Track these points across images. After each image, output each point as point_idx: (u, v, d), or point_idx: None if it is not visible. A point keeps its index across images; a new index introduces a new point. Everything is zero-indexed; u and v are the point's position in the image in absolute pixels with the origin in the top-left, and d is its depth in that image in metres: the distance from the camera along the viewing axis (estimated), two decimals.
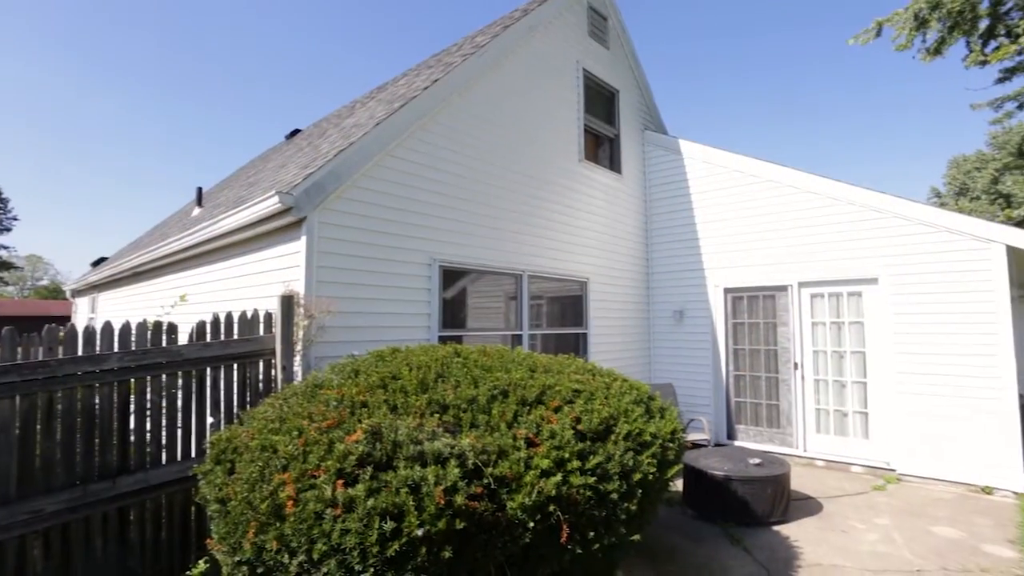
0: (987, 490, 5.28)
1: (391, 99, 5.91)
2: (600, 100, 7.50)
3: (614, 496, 2.49)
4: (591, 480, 2.42)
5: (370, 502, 1.95)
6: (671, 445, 3.05)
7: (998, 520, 4.64)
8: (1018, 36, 10.84)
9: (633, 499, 2.60)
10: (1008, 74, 12.87)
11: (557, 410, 2.74)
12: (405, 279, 4.66)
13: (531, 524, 2.18)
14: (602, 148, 7.57)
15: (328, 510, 1.97)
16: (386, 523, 1.92)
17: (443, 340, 4.66)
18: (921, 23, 11.51)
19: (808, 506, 5.03)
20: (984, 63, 11.52)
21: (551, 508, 2.26)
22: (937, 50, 11.86)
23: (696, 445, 5.89)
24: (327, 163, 4.14)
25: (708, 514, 4.69)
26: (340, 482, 2.04)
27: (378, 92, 8.41)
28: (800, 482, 5.63)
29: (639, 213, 7.87)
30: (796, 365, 6.49)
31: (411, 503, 1.96)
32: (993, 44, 11.79)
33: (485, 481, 2.21)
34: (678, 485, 5.09)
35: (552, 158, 6.32)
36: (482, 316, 5.74)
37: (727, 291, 7.12)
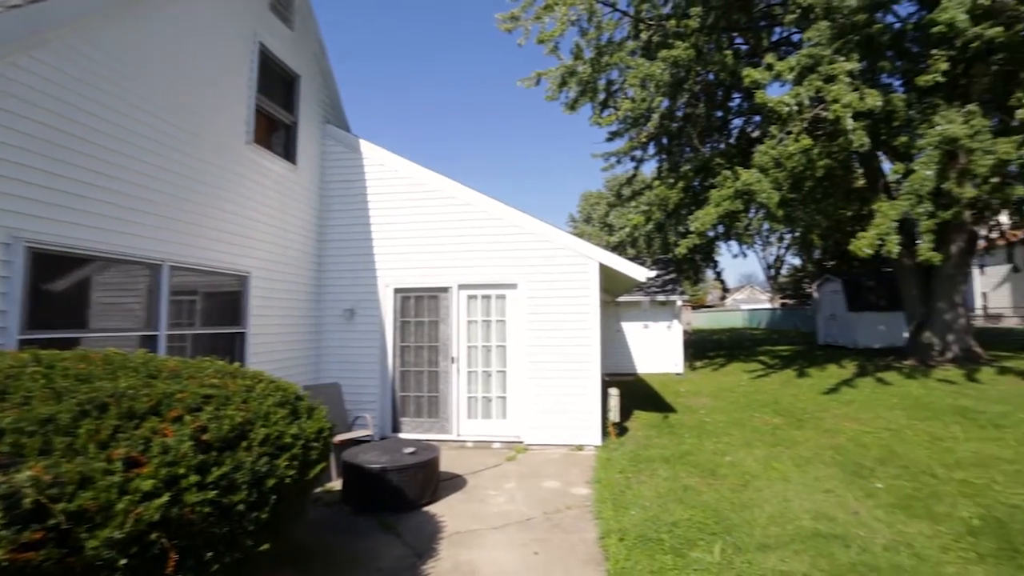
0: (580, 448, 6.92)
1: None
2: (279, 83, 6.96)
3: (241, 507, 2.30)
4: (212, 495, 2.17)
5: None
6: (316, 445, 3.00)
7: (583, 469, 6.13)
8: (617, 110, 14.65)
9: (265, 507, 2.44)
10: (613, 136, 17.27)
11: (177, 420, 2.37)
12: None
13: (122, 561, 1.82)
14: (277, 134, 7.03)
15: None
16: None
17: (28, 345, 3.54)
18: (562, 83, 14.52)
19: (456, 483, 5.67)
20: (600, 124, 15.23)
21: (153, 536, 1.93)
22: (573, 107, 15.14)
23: (360, 441, 5.99)
24: None
25: (366, 507, 4.81)
26: None
27: None
28: (452, 463, 6.32)
29: (314, 208, 7.61)
30: (453, 359, 7.28)
31: None
32: (607, 112, 15.74)
33: (53, 521, 1.75)
34: (341, 485, 5.08)
35: (213, 135, 5.54)
36: (106, 314, 4.60)
37: (397, 291, 7.51)
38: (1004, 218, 15.95)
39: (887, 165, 13.95)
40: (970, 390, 10.07)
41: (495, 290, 7.37)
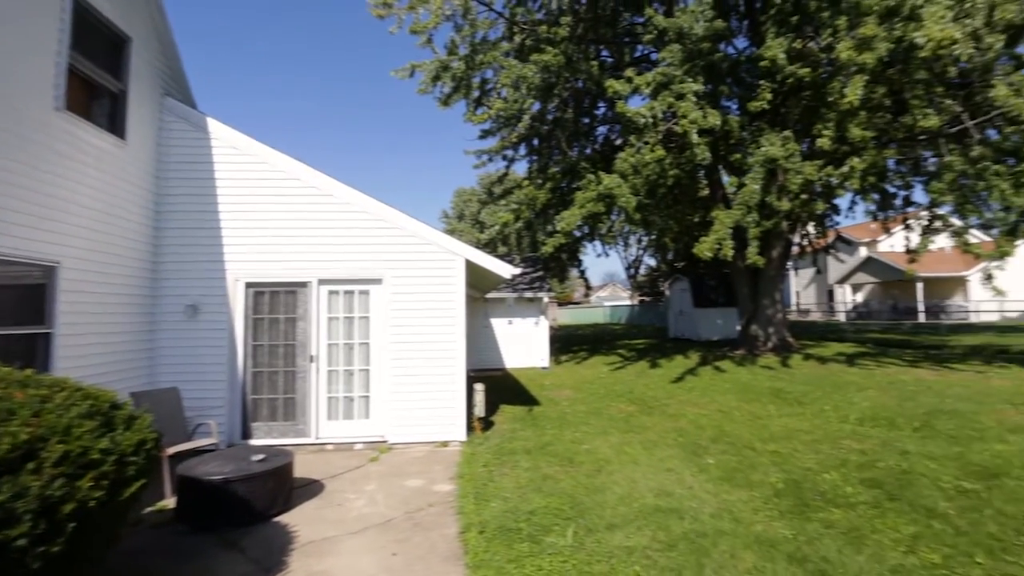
0: (445, 444, 6.91)
1: None
2: (102, 42, 6.00)
3: (22, 543, 1.93)
4: None
5: None
6: (135, 459, 2.64)
7: (447, 465, 6.12)
8: (491, 108, 14.84)
9: (59, 539, 2.09)
10: (486, 134, 17.47)
11: None
12: None
13: None
14: (99, 103, 6.06)
15: None
16: None
17: None
18: (436, 77, 14.35)
19: (312, 489, 5.35)
20: (473, 122, 15.30)
21: None
22: (447, 102, 15.04)
23: (202, 451, 5.40)
24: None
25: (206, 524, 4.35)
26: None
27: None
28: (309, 468, 5.96)
29: (149, 191, 6.70)
30: (312, 358, 6.87)
31: None
32: (480, 110, 15.86)
33: None
34: (174, 503, 4.53)
35: (4, 95, 4.60)
36: None
37: (250, 286, 6.89)
38: (811, 228, 18.89)
39: (726, 178, 15.82)
40: (784, 374, 11.78)
41: (359, 285, 7.08)
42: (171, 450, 5.24)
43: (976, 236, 13.17)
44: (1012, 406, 7.89)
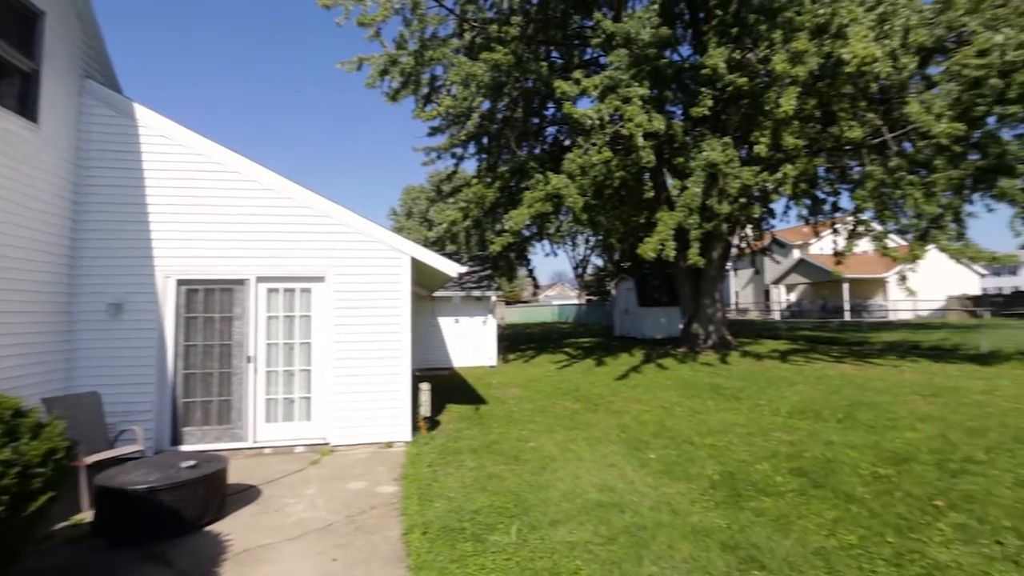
0: (389, 445, 6.79)
1: None
2: (10, 15, 5.51)
3: None
4: None
5: None
6: (41, 471, 2.44)
7: (391, 466, 6.02)
8: (439, 106, 14.69)
9: None
10: (435, 131, 17.30)
11: None
12: None
13: None
14: (7, 82, 5.57)
15: None
16: None
17: None
18: (384, 71, 14.07)
19: (248, 495, 5.13)
20: (422, 118, 15.11)
21: None
22: (395, 97, 14.77)
23: (126, 459, 5.07)
24: None
25: (128, 538, 4.08)
26: None
27: None
28: (246, 473, 5.72)
29: (67, 180, 6.22)
30: (250, 358, 6.58)
31: None
32: (430, 106, 15.67)
33: None
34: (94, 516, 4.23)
35: None
36: None
37: (182, 283, 6.53)
38: (749, 231, 19.78)
39: (670, 181, 16.35)
40: (722, 370, 12.28)
41: (300, 283, 6.84)
42: (89, 459, 4.88)
43: (894, 240, 14.18)
44: (922, 397, 8.54)
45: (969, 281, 33.78)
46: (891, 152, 11.80)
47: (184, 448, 6.30)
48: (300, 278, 6.84)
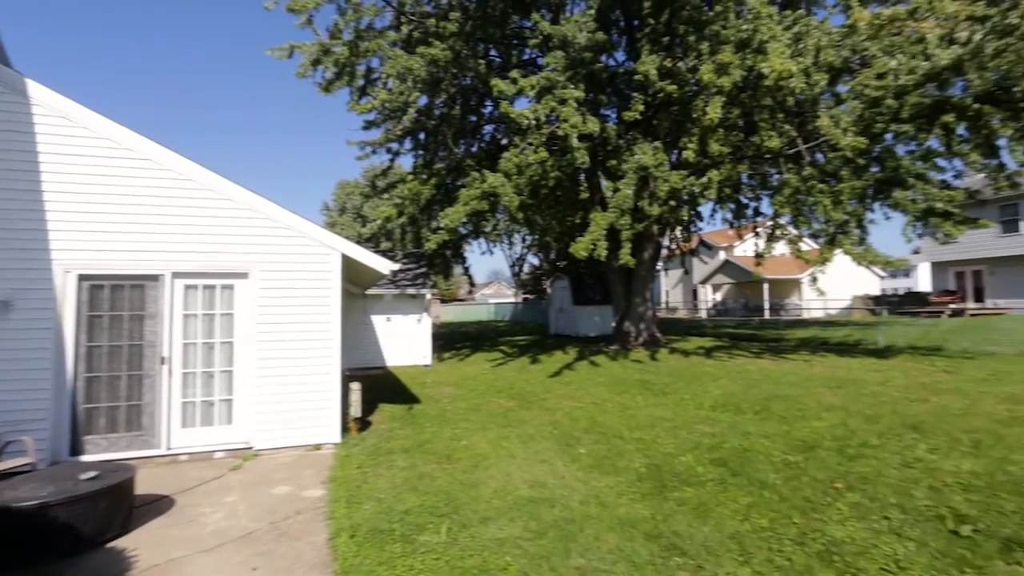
0: (318, 447, 6.56)
1: None
2: None
3: None
4: None
5: None
6: None
7: (319, 469, 5.82)
8: (374, 99, 14.33)
9: None
10: (369, 125, 16.88)
11: None
12: None
13: None
14: None
15: None
16: None
17: None
18: (317, 61, 13.56)
19: (159, 506, 4.80)
20: (357, 111, 14.68)
21: None
22: (328, 88, 14.26)
23: (14, 473, 4.60)
24: None
25: (16, 560, 3.70)
26: None
27: None
28: (159, 482, 5.35)
29: None
30: (164, 360, 6.15)
31: None
32: (365, 99, 15.24)
33: None
34: None
35: None
36: None
37: (84, 278, 5.99)
38: (679, 233, 20.68)
39: (604, 182, 16.78)
40: (652, 367, 12.76)
41: (221, 279, 6.47)
42: None
43: (808, 244, 15.27)
44: (828, 389, 9.24)
45: (871, 283, 36.93)
46: (805, 162, 12.69)
47: (87, 458, 5.79)
48: (222, 274, 6.47)
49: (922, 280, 38.45)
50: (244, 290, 6.53)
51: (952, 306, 26.53)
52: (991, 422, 6.64)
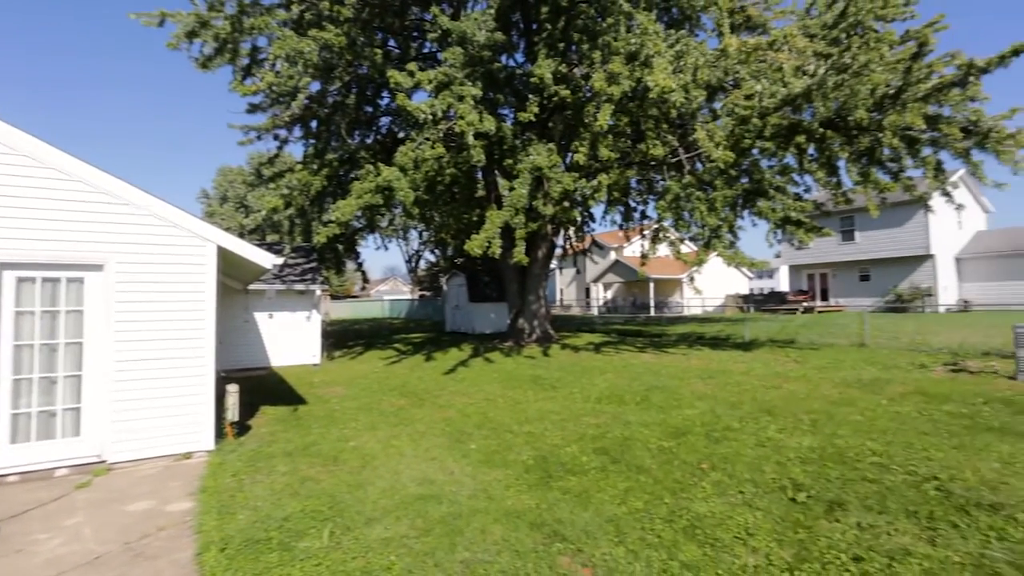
0: (188, 455, 6.01)
1: None
2: None
3: None
4: None
5: None
6: None
7: (188, 479, 5.33)
8: (260, 81, 13.33)
9: None
10: (255, 108, 15.73)
11: None
12: None
13: None
14: None
15: None
16: None
17: None
18: (193, 33, 12.36)
19: None
20: (240, 93, 13.57)
21: None
22: (206, 65, 13.04)
23: None
24: None
25: None
26: None
27: None
28: None
29: None
30: None
31: None
32: (250, 80, 14.13)
33: None
34: None
35: None
36: None
37: None
38: (572, 233, 21.50)
39: (500, 181, 17.00)
40: (543, 363, 13.16)
41: (67, 271, 5.68)
42: None
43: (688, 246, 16.58)
44: (701, 380, 10.12)
45: (741, 283, 41.03)
46: (686, 170, 13.77)
47: None
48: (68, 265, 5.69)
49: (783, 281, 43.48)
50: (98, 284, 5.80)
51: (805, 304, 30.25)
52: (827, 403, 7.66)
